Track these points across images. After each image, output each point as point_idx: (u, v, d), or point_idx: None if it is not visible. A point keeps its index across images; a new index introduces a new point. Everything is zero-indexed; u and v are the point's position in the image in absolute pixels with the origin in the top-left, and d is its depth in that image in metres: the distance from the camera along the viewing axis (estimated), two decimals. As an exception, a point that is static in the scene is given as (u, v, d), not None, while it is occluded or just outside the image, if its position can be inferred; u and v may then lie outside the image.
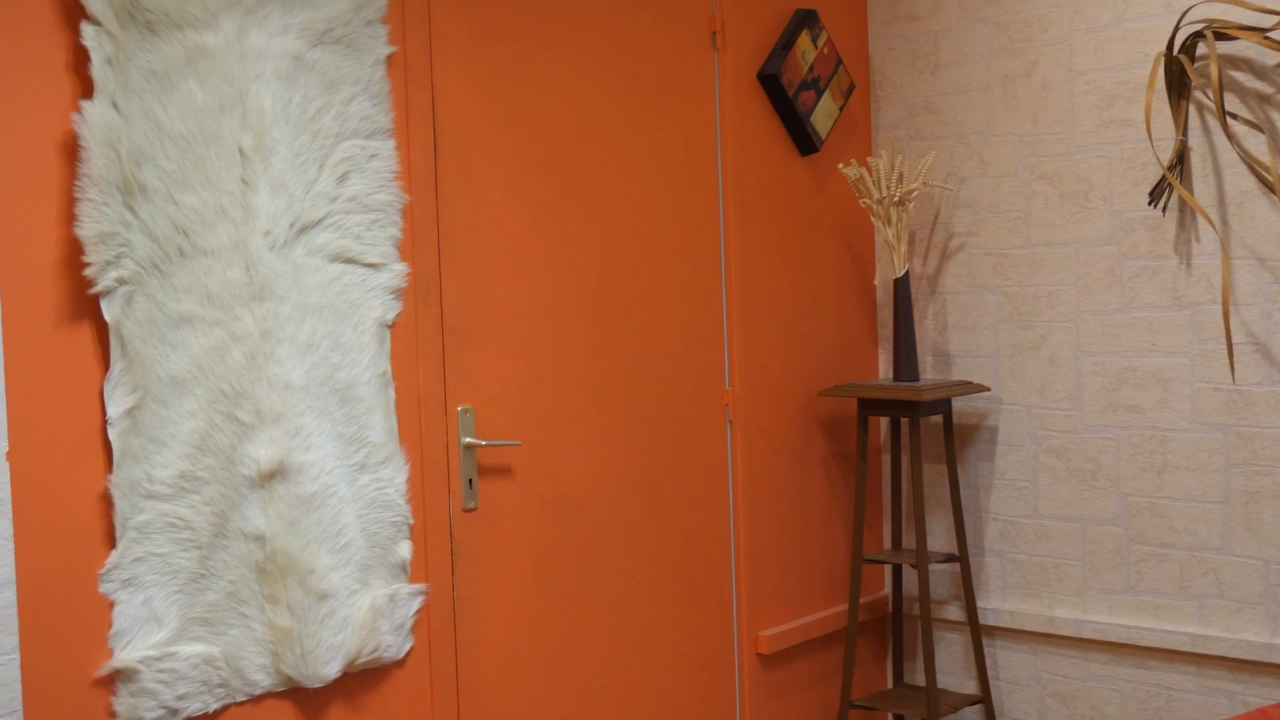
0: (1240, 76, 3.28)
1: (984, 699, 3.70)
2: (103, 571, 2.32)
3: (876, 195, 3.63)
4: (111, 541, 2.34)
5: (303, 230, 2.57)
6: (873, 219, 3.69)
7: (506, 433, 2.99)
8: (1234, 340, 3.30)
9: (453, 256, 2.89)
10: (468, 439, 2.91)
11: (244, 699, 2.52)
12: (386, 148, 2.72)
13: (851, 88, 3.83)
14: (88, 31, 2.28)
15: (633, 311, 3.27)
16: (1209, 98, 3.28)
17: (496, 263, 2.98)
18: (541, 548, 3.06)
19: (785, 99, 3.63)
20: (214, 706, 2.47)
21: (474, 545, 2.92)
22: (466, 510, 2.91)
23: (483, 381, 2.94)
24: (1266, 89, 3.24)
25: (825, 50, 3.73)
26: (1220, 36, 3.22)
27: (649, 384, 3.28)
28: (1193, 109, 3.34)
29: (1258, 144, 3.24)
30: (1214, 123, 3.31)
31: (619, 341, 3.23)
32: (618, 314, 3.23)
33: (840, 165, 3.70)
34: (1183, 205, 3.38)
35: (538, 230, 3.07)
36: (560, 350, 3.12)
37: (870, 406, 3.68)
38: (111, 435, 2.33)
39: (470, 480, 2.91)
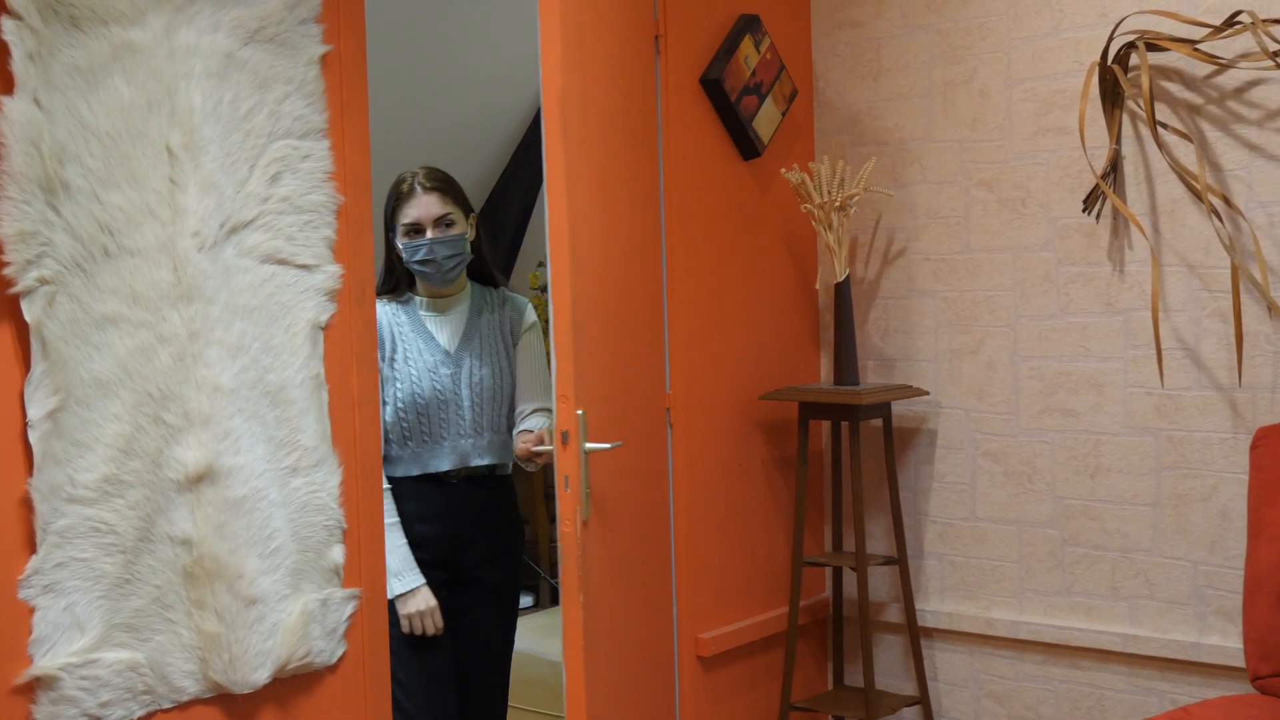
0: (1171, 87, 3.32)
1: (922, 700, 3.73)
2: (22, 577, 2.28)
3: (818, 200, 3.64)
4: (32, 546, 2.30)
5: (233, 231, 2.55)
6: (814, 224, 3.70)
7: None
8: (1164, 346, 3.34)
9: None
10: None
11: (170, 706, 2.49)
12: (321, 148, 2.70)
13: (794, 93, 3.84)
14: (8, 26, 2.24)
15: (571, 314, 3.26)
16: (1141, 107, 3.31)
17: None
18: (477, 551, 3.05)
19: (727, 103, 3.64)
20: (139, 714, 2.43)
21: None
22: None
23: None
24: (1196, 99, 3.28)
25: (768, 55, 3.74)
26: (1152, 47, 3.26)
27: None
28: (1126, 118, 3.38)
29: (1187, 153, 3.29)
30: (1146, 132, 3.35)
31: (557, 344, 3.22)
32: (556, 317, 3.22)
33: (782, 170, 3.71)
34: (1116, 213, 3.41)
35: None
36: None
37: (811, 410, 3.69)
38: (32, 438, 2.29)
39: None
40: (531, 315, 3.42)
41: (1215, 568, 3.31)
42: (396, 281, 3.28)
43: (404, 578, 3.12)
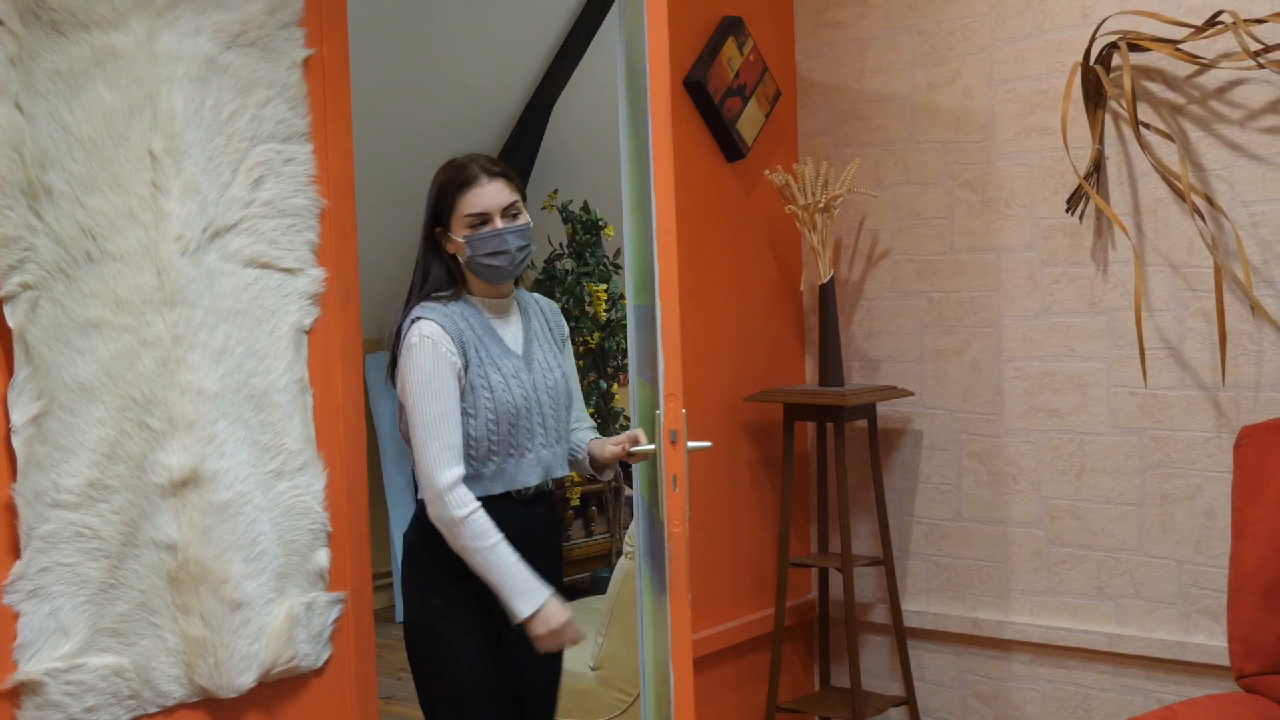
0: (1153, 87, 3.33)
1: (909, 700, 3.73)
2: (7, 582, 2.28)
3: (802, 201, 3.65)
4: (16, 551, 2.29)
5: (216, 235, 2.54)
6: (798, 225, 3.71)
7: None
8: (1147, 345, 3.35)
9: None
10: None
11: (156, 710, 2.48)
12: (303, 152, 2.70)
13: (777, 95, 3.85)
14: (-10, 31, 2.24)
15: (556, 317, 3.26)
16: (1124, 108, 3.33)
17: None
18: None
19: (711, 105, 3.64)
20: (124, 718, 2.43)
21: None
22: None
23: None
24: (1178, 99, 3.30)
25: (751, 57, 3.75)
26: (1134, 48, 3.27)
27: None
28: (1108, 118, 3.39)
29: (1170, 153, 3.30)
30: (1129, 132, 3.36)
31: (542, 347, 3.22)
32: (541, 319, 3.22)
33: (766, 171, 3.72)
34: (1099, 213, 3.43)
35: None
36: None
37: (796, 411, 3.70)
38: (15, 443, 2.28)
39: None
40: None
41: (1200, 567, 3.33)
42: (443, 283, 2.79)
43: (529, 596, 2.63)
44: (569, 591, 2.88)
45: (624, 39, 2.78)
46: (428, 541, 2.65)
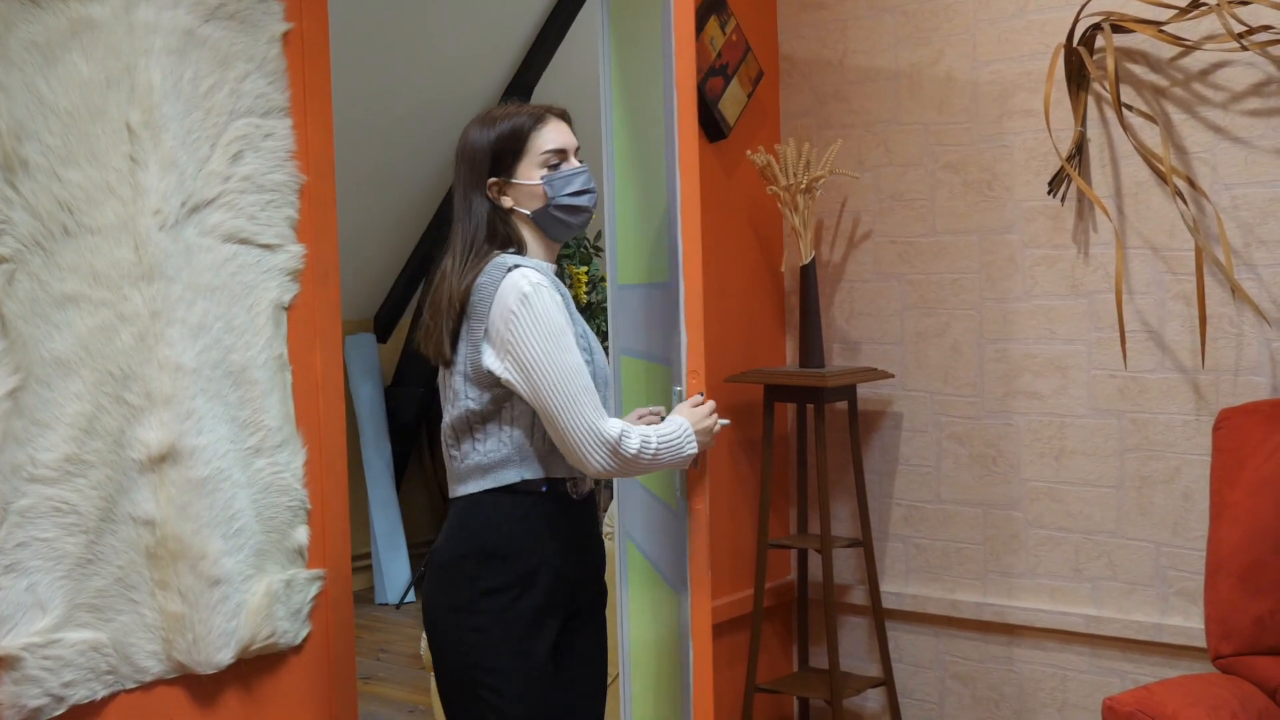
0: (1137, 69, 3.33)
1: (887, 681, 3.74)
2: (-18, 557, 2.27)
3: (784, 182, 3.64)
4: (-8, 526, 2.28)
5: (194, 210, 2.52)
6: (780, 206, 3.70)
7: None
8: (1128, 328, 3.36)
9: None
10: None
11: (134, 686, 2.47)
12: (283, 126, 2.68)
13: (760, 75, 3.84)
14: (-36, 1, 2.21)
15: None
16: (1106, 90, 3.33)
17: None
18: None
19: (693, 85, 3.63)
20: (102, 694, 2.42)
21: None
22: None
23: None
24: (1161, 82, 3.30)
25: (734, 37, 3.74)
26: (1118, 29, 3.27)
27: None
28: (1091, 100, 3.40)
29: (1152, 136, 3.30)
30: (1111, 114, 3.37)
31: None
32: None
33: (748, 152, 3.71)
34: (1081, 195, 3.43)
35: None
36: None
37: (776, 393, 3.70)
38: (-9, 417, 2.27)
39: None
40: None
41: (1177, 549, 3.34)
42: (504, 240, 2.43)
43: (688, 437, 2.41)
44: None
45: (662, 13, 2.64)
46: (485, 549, 2.34)
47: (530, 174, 2.40)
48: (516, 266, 2.34)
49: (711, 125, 3.71)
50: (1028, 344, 3.55)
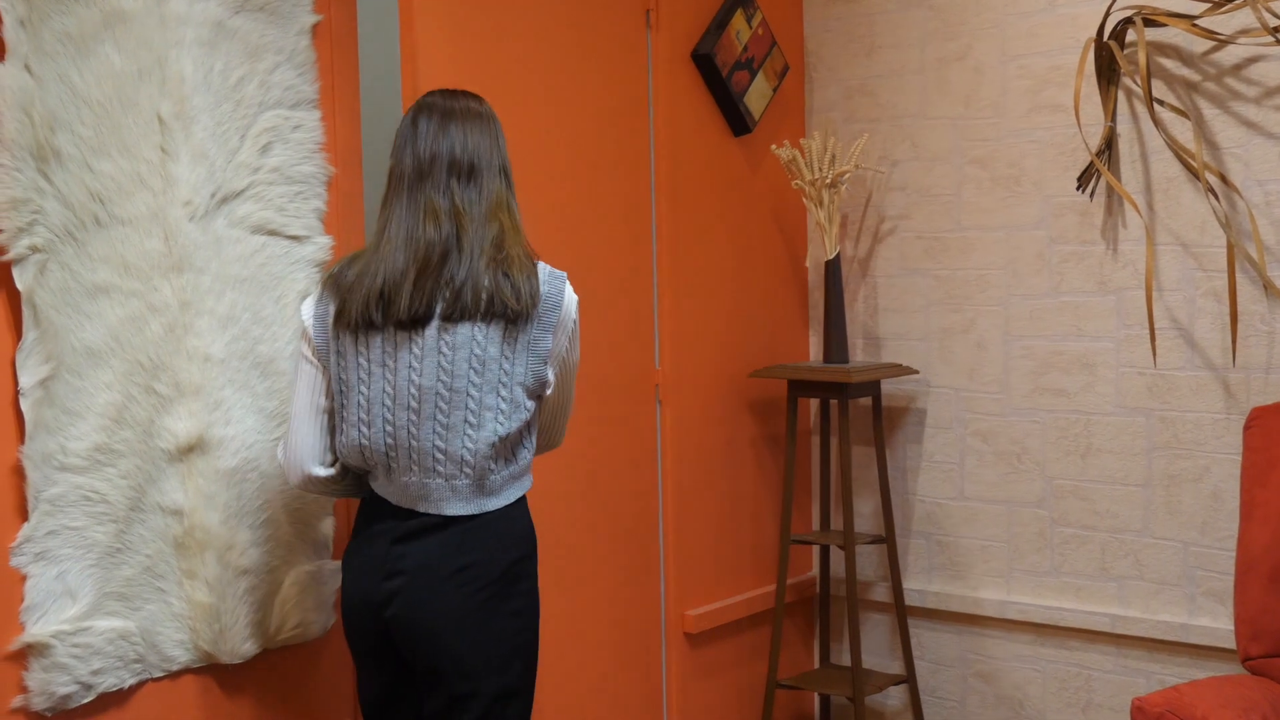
0: (1169, 63, 3.31)
1: (909, 679, 3.73)
2: (14, 544, 2.27)
3: (809, 177, 3.63)
4: (23, 514, 2.28)
5: (224, 201, 2.52)
6: (805, 201, 3.69)
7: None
8: (1157, 325, 3.34)
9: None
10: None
11: (161, 675, 2.48)
12: (311, 118, 2.68)
13: (785, 69, 3.82)
14: (-1, -9, 2.22)
15: (563, 289, 3.24)
16: (1138, 84, 3.31)
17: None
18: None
19: (719, 79, 3.62)
20: (130, 682, 2.43)
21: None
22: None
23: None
24: (1194, 76, 3.28)
25: (760, 31, 3.72)
26: (1150, 23, 3.25)
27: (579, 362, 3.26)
28: (1122, 95, 3.37)
29: (1184, 131, 3.28)
30: (1142, 109, 3.34)
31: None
32: (548, 291, 3.20)
33: (773, 146, 3.70)
34: (1110, 191, 3.41)
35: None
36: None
37: (800, 388, 3.69)
38: (24, 406, 2.27)
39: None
40: None
41: (1206, 549, 3.32)
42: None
43: None
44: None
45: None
46: (533, 545, 2.46)
47: None
48: (564, 276, 2.38)
49: (737, 120, 3.70)
50: (1054, 341, 3.53)
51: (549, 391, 2.39)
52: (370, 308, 2.29)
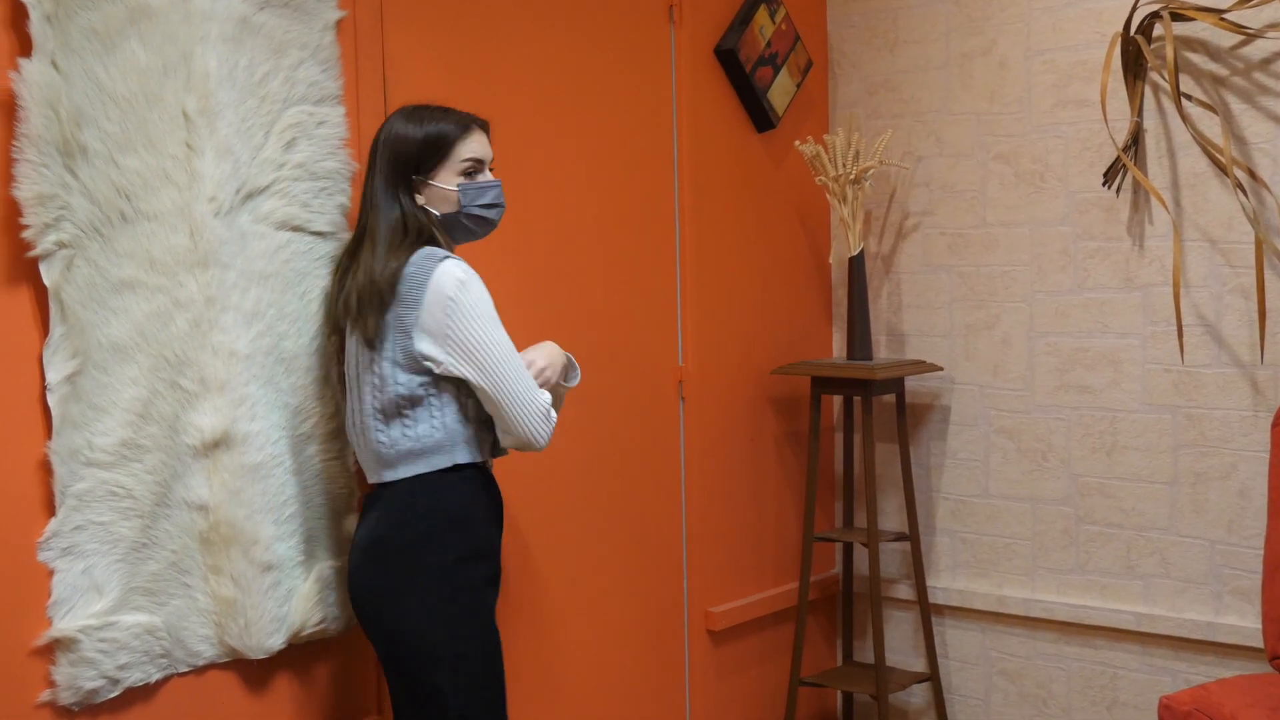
0: (1196, 58, 3.29)
1: (933, 677, 3.72)
2: (42, 539, 2.28)
3: (832, 173, 3.62)
4: (51, 509, 2.29)
5: (249, 196, 2.53)
6: (828, 197, 3.68)
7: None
8: (1184, 322, 3.31)
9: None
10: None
11: (186, 669, 2.49)
12: (335, 114, 2.68)
13: (809, 65, 3.81)
14: (27, -13, 2.22)
15: (586, 286, 3.24)
16: (1164, 79, 3.28)
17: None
18: (491, 522, 3.03)
19: (742, 75, 3.61)
20: (156, 677, 2.43)
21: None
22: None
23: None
24: (1221, 71, 3.25)
25: (783, 26, 3.71)
26: (1177, 17, 3.23)
27: (602, 359, 3.26)
28: (1148, 90, 3.35)
29: (1212, 126, 3.26)
30: (1169, 104, 3.32)
31: (572, 316, 3.20)
32: (570, 288, 3.21)
33: (796, 142, 3.69)
34: (1137, 187, 3.39)
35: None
36: (512, 324, 3.08)
37: (823, 385, 3.68)
38: (51, 401, 2.28)
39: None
40: None
41: (1233, 547, 3.30)
42: (428, 237, 2.56)
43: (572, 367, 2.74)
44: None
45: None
46: (449, 518, 2.50)
47: (448, 179, 2.57)
48: (448, 257, 2.48)
49: (760, 115, 3.69)
50: (1080, 338, 3.51)
51: (462, 374, 2.46)
52: None
